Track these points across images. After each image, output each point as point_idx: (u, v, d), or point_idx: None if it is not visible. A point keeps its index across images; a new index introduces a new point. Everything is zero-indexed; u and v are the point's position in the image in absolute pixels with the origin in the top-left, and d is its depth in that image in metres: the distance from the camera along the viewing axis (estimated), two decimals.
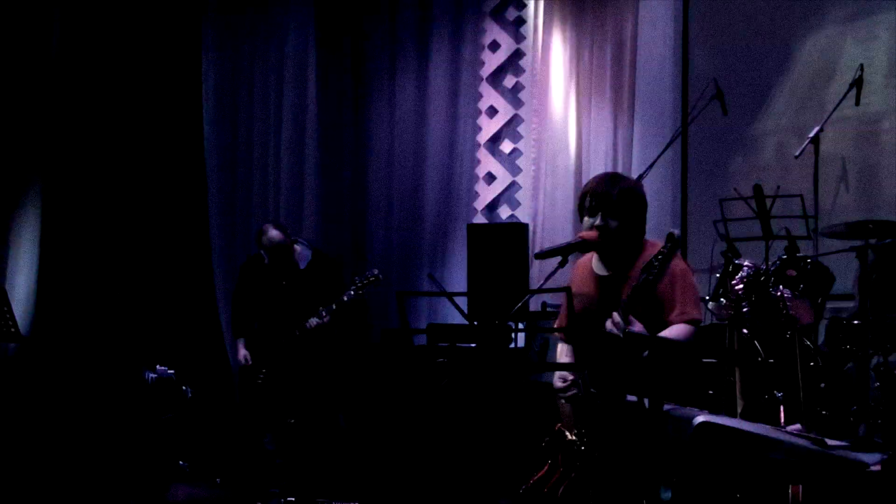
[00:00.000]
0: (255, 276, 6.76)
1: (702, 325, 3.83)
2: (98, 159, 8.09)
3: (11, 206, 7.81)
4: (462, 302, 6.77)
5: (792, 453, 2.47)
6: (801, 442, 2.47)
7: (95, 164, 8.09)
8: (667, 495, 2.72)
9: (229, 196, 8.59)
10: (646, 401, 2.82)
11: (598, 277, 3.94)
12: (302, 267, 6.72)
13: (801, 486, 4.10)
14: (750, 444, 2.50)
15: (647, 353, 2.82)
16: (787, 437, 2.53)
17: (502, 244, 7.38)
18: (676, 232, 3.59)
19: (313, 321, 6.43)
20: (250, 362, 6.61)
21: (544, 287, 3.73)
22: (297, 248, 6.77)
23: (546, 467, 5.80)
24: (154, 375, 7.13)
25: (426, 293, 5.93)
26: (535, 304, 7.44)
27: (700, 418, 2.60)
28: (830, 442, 2.54)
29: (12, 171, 7.78)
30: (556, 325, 4.68)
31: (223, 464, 7.34)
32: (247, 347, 6.71)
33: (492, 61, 8.39)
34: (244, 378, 6.69)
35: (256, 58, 8.65)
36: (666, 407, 2.80)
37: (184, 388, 7.22)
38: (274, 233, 6.61)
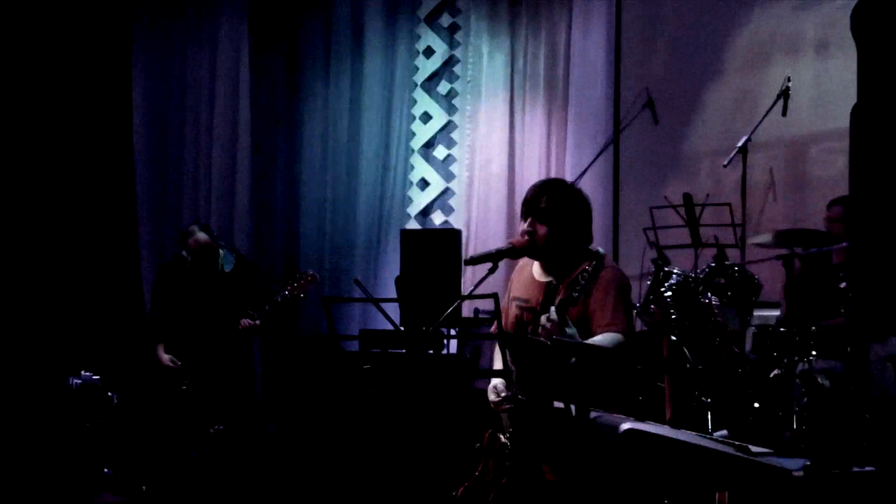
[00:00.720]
0: (177, 279, 6.64)
1: (632, 334, 3.84)
2: (21, 159, 7.91)
3: None
4: (392, 308, 6.79)
5: (716, 460, 2.49)
6: (725, 449, 2.49)
7: (19, 164, 7.91)
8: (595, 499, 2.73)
9: (159, 199, 8.44)
10: (572, 407, 2.81)
11: (538, 284, 3.92)
12: (227, 270, 6.65)
13: (726, 493, 4.14)
14: (675, 450, 2.51)
15: (574, 359, 2.82)
16: (712, 444, 2.54)
17: (435, 250, 7.38)
18: (601, 249, 3.60)
19: (245, 322, 6.35)
20: (178, 364, 6.48)
21: (474, 293, 3.70)
22: (221, 252, 6.68)
23: (477, 472, 5.82)
24: (79, 381, 6.99)
25: (353, 299, 5.88)
26: (467, 311, 7.44)
27: (626, 425, 2.60)
28: (755, 449, 2.56)
29: None
30: (490, 331, 4.68)
31: (149, 471, 7.22)
32: (167, 352, 6.59)
33: (426, 67, 8.40)
34: (167, 384, 6.56)
35: (188, 60, 8.51)
36: (592, 414, 2.80)
37: (109, 393, 7.09)
38: (200, 234, 6.52)
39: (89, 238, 8.17)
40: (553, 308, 3.44)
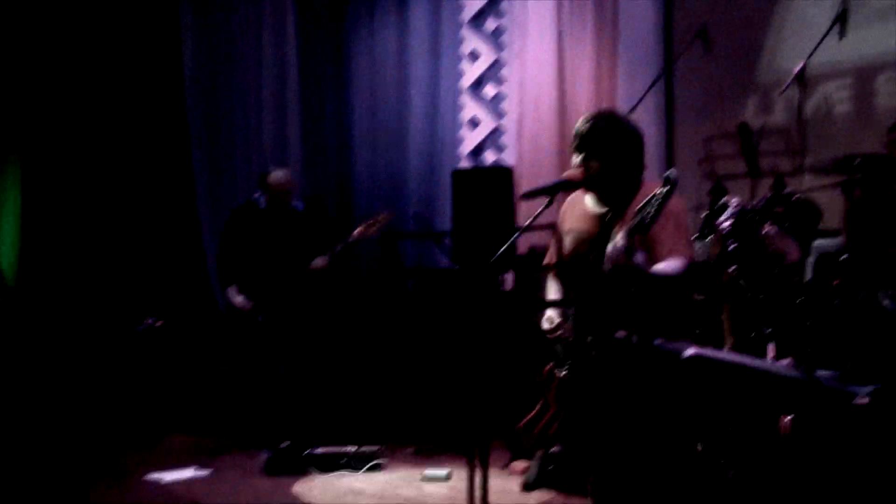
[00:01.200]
0: (249, 222, 6.73)
1: (694, 262, 3.84)
2: (79, 105, 8.03)
3: None
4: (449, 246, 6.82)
5: (781, 384, 2.50)
6: (789, 373, 2.50)
7: (77, 110, 8.03)
8: (657, 426, 2.75)
9: (213, 145, 8.53)
10: (634, 337, 2.83)
11: (592, 215, 3.93)
12: (300, 210, 6.79)
13: (790, 420, 4.15)
14: (739, 375, 2.53)
15: (634, 289, 2.83)
16: (776, 369, 2.55)
17: (488, 189, 7.39)
18: (674, 173, 3.58)
19: (318, 261, 6.45)
20: (251, 305, 6.56)
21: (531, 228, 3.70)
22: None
23: (538, 407, 5.88)
24: (146, 324, 7.15)
25: (412, 234, 5.93)
26: (523, 248, 7.45)
27: (690, 351, 2.61)
28: (819, 373, 2.57)
29: None
30: (544, 263, 4.70)
31: (218, 411, 7.37)
32: (240, 293, 6.69)
33: (472, 5, 8.34)
34: (242, 324, 6.64)
35: (235, 8, 8.53)
36: (655, 342, 2.82)
37: (176, 336, 7.24)
38: (281, 174, 6.67)
39: (147, 181, 8.30)
40: (620, 235, 3.44)
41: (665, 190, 3.52)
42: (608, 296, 3.10)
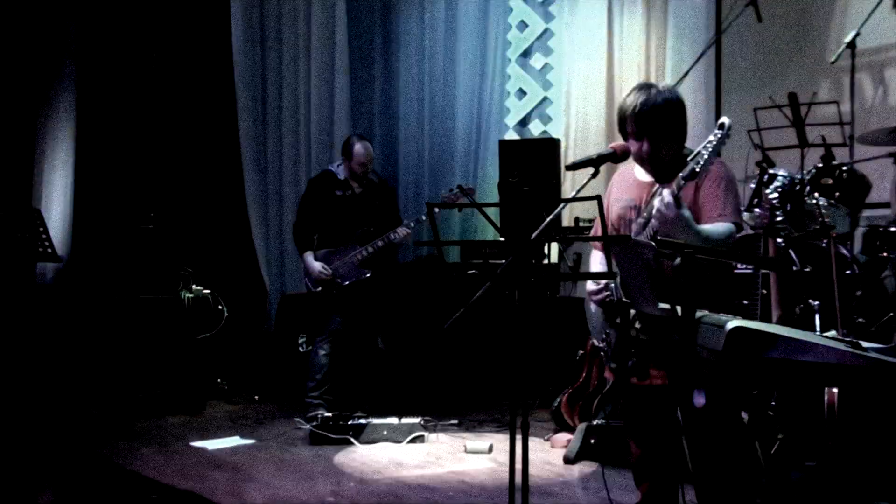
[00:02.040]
0: (328, 190, 6.73)
1: (740, 226, 3.79)
2: (131, 80, 8.12)
3: (46, 131, 7.88)
4: (494, 216, 6.80)
5: (826, 356, 2.45)
6: (835, 345, 2.45)
7: (126, 87, 8.12)
8: (700, 401, 2.72)
9: (259, 119, 8.57)
10: (678, 308, 2.80)
11: (642, 183, 3.88)
12: (375, 181, 6.83)
13: (836, 393, 4.10)
14: (783, 347, 2.49)
15: (678, 260, 2.79)
16: (821, 340, 2.51)
17: (534, 159, 7.35)
18: (727, 121, 3.52)
19: (401, 230, 6.45)
20: (329, 272, 6.56)
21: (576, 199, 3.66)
22: None
23: (581, 379, 5.88)
24: (190, 295, 7.22)
25: (456, 204, 5.89)
26: (567, 220, 7.42)
27: (733, 323, 2.57)
28: (866, 345, 2.52)
29: (44, 96, 7.84)
30: (591, 235, 4.66)
31: (261, 381, 7.45)
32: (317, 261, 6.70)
33: None
34: (318, 290, 6.64)
35: None
36: (698, 314, 2.78)
37: (220, 307, 7.31)
38: (363, 147, 6.64)
39: (196, 158, 8.39)
40: (666, 190, 3.39)
41: (718, 135, 3.46)
42: (652, 265, 3.05)
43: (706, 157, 3.38)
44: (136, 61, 8.14)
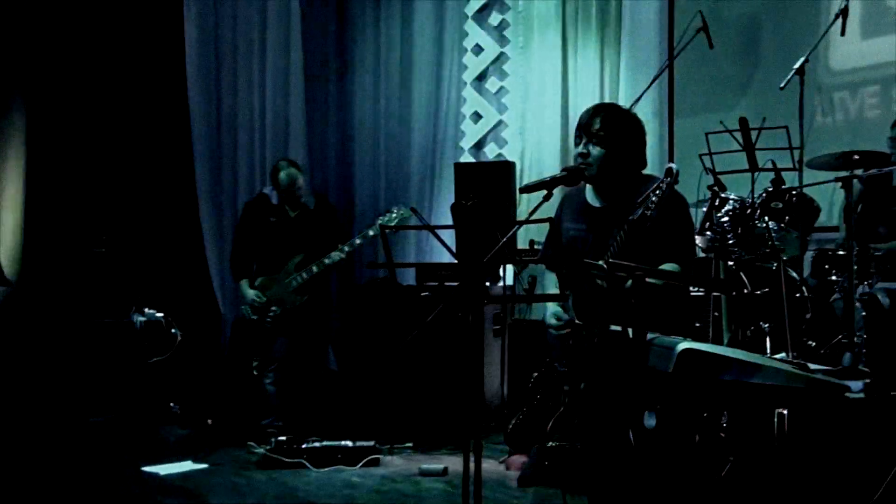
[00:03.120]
0: (262, 215, 6.73)
1: (693, 259, 3.84)
2: (81, 97, 8.03)
3: None
4: (448, 239, 6.81)
5: (774, 377, 2.49)
6: (782, 366, 2.49)
7: (79, 103, 8.03)
8: (651, 422, 2.74)
9: (214, 138, 8.51)
10: (629, 330, 2.82)
11: (591, 209, 3.92)
12: (311, 208, 6.79)
13: (786, 414, 4.14)
14: (732, 369, 2.51)
15: (630, 282, 2.82)
16: (768, 362, 2.54)
17: (489, 182, 7.37)
18: (675, 167, 3.57)
19: (335, 255, 6.45)
20: (262, 300, 6.57)
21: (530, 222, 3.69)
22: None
23: (535, 401, 5.87)
24: (143, 318, 7.14)
25: (409, 227, 5.91)
26: (523, 242, 7.44)
27: (682, 345, 2.60)
28: (812, 366, 2.56)
29: None
30: (541, 257, 4.69)
31: (213, 405, 7.37)
32: (251, 288, 6.71)
33: None
34: (252, 319, 6.65)
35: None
36: (649, 336, 2.81)
37: (173, 330, 7.24)
38: (285, 175, 6.64)
39: (149, 178, 8.29)
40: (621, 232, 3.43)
41: (667, 182, 3.50)
42: (604, 290, 3.08)
43: (654, 201, 3.42)
44: (87, 83, 8.05)
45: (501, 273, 7.11)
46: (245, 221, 6.86)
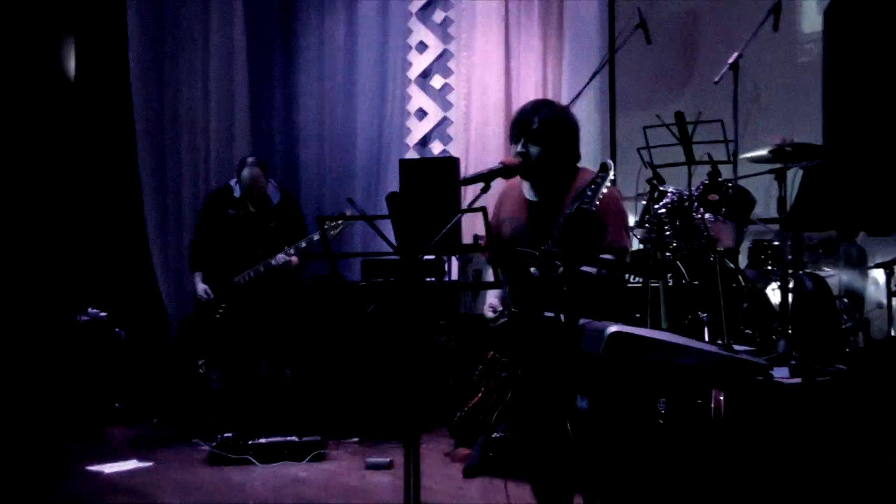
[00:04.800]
0: (222, 208, 6.73)
1: (630, 250, 3.92)
2: (21, 93, 7.94)
3: None
4: (389, 232, 6.84)
5: (697, 357, 2.56)
6: (706, 347, 2.56)
7: (20, 100, 7.94)
8: (583, 405, 2.81)
9: (157, 134, 8.46)
10: (562, 316, 2.88)
11: (528, 203, 3.99)
12: (273, 205, 6.79)
13: (722, 400, 4.23)
14: (660, 351, 2.59)
15: (561, 270, 2.88)
16: (693, 344, 2.62)
17: (434, 178, 7.42)
18: (609, 161, 3.64)
19: (280, 257, 6.45)
20: (211, 296, 6.59)
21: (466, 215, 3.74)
22: (269, 186, 6.80)
23: (480, 394, 5.93)
24: (86, 317, 7.10)
25: (346, 217, 5.92)
26: (468, 237, 7.50)
27: (612, 328, 2.67)
28: (737, 347, 2.64)
29: None
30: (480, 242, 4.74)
31: (159, 404, 7.35)
32: (204, 281, 6.71)
33: None
34: (200, 312, 6.67)
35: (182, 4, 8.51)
36: (581, 321, 2.87)
37: (117, 329, 7.20)
38: (256, 170, 6.66)
39: (91, 175, 8.23)
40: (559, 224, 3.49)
41: (601, 176, 3.57)
42: (539, 280, 3.14)
43: (589, 195, 3.49)
44: (26, 78, 7.96)
45: (446, 268, 7.18)
46: (205, 213, 6.88)
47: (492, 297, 4.16)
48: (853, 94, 2.20)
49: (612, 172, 3.61)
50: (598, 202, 3.61)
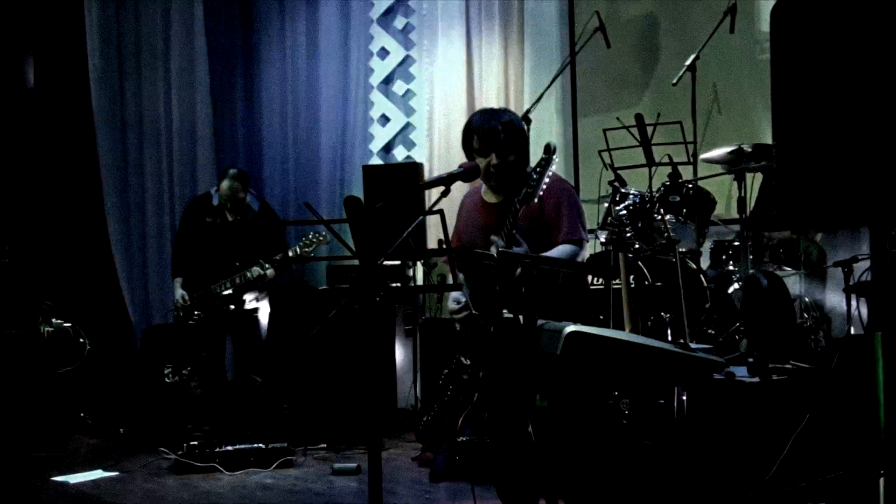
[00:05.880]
0: (200, 216, 6.72)
1: (586, 243, 3.93)
2: None
3: None
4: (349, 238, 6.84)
5: (655, 356, 2.59)
6: (663, 346, 2.59)
7: None
8: (542, 404, 2.83)
9: (119, 143, 8.42)
10: (520, 317, 2.90)
11: (488, 205, 4.01)
12: (251, 214, 6.79)
13: (685, 398, 4.27)
14: (616, 350, 2.61)
15: (519, 270, 2.91)
16: (651, 343, 2.65)
17: (398, 183, 7.44)
18: (553, 143, 3.67)
19: (255, 270, 6.44)
20: (188, 302, 6.57)
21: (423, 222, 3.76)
22: (248, 196, 6.79)
23: (446, 397, 5.95)
24: (50, 329, 7.05)
25: (305, 221, 5.93)
26: (433, 242, 7.51)
27: (570, 328, 2.70)
28: (694, 346, 2.67)
29: None
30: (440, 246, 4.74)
31: (125, 414, 7.31)
32: (183, 287, 6.69)
33: (381, 3, 8.36)
34: (178, 318, 6.64)
35: (142, 6, 8.47)
36: (539, 322, 2.89)
37: (81, 339, 7.16)
38: (235, 184, 6.64)
39: (54, 187, 8.18)
40: (497, 237, 3.52)
41: (545, 158, 3.60)
42: (495, 279, 3.17)
43: (535, 178, 3.52)
44: None
45: (411, 273, 7.20)
46: (185, 221, 6.91)
47: (456, 292, 4.17)
48: (799, 93, 2.23)
49: (555, 156, 3.64)
50: (544, 185, 3.64)
